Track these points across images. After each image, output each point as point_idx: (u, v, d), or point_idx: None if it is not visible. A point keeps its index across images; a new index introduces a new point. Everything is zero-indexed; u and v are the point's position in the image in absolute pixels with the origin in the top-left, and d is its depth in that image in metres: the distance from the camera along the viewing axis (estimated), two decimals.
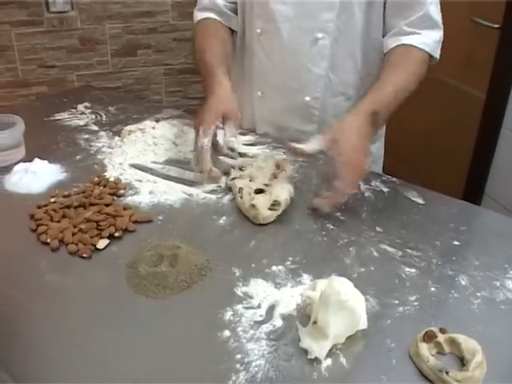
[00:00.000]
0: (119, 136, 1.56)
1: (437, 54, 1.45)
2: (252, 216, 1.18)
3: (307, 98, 1.55)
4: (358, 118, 1.27)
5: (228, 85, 1.41)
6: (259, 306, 0.94)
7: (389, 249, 1.11)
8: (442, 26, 1.45)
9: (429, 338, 0.86)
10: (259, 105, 1.65)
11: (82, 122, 1.69)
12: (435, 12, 1.43)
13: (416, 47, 1.41)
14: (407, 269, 1.05)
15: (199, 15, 1.66)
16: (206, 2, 1.64)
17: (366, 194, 1.30)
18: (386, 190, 1.33)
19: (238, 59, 1.69)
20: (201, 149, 1.27)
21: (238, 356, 0.84)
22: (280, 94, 1.59)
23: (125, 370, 0.83)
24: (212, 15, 1.63)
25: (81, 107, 1.80)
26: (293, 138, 1.43)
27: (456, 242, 1.14)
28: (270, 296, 0.96)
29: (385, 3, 1.45)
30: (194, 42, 1.63)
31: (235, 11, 1.64)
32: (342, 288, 0.86)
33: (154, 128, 1.56)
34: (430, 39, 1.42)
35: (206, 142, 1.27)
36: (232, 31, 1.65)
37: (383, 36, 1.49)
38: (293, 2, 1.47)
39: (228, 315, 0.92)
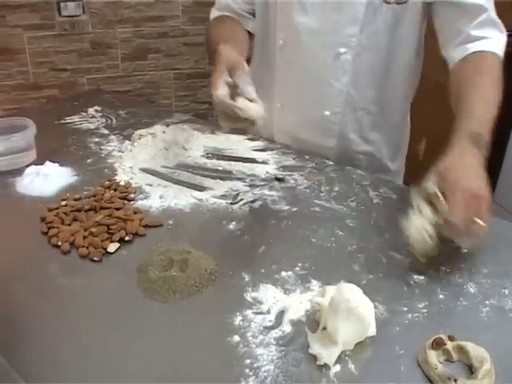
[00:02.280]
0: (129, 140, 1.57)
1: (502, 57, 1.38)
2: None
3: (327, 113, 1.54)
4: (466, 150, 1.14)
5: (229, 45, 1.32)
6: (268, 312, 0.94)
7: (397, 255, 1.11)
8: (503, 27, 1.38)
9: (437, 345, 0.86)
10: (278, 116, 1.64)
11: (92, 126, 1.70)
12: (494, 12, 1.37)
13: (489, 52, 1.34)
14: (416, 276, 1.05)
15: (216, 13, 1.66)
16: (222, 4, 1.64)
17: (375, 201, 1.31)
18: (394, 196, 1.33)
19: (258, 69, 1.66)
20: (221, 99, 1.18)
21: (248, 361, 0.84)
22: (300, 107, 1.58)
23: (134, 373, 0.83)
24: (229, 14, 1.64)
25: (91, 111, 1.81)
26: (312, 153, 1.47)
27: (464, 250, 1.14)
28: (279, 302, 0.96)
29: (429, 15, 1.43)
30: (209, 34, 1.63)
31: (251, 15, 1.63)
32: (352, 295, 0.86)
33: (164, 132, 1.57)
34: (500, 43, 1.37)
35: (221, 92, 1.17)
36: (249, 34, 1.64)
37: (441, 47, 1.44)
38: (316, 14, 1.44)
39: (237, 320, 0.92)
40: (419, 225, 1.04)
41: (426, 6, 1.42)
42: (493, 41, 1.36)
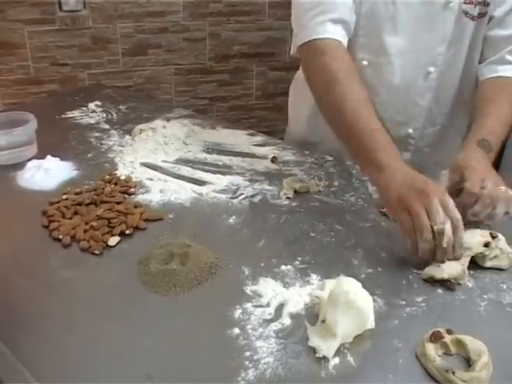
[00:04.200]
0: (130, 135, 1.58)
1: None
2: None
3: (410, 131, 1.51)
4: (473, 150, 1.21)
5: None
6: (268, 305, 0.94)
7: (396, 250, 1.12)
8: None
9: (435, 338, 0.87)
10: None
11: (93, 121, 1.71)
12: None
13: None
14: (414, 270, 1.06)
15: (328, 30, 1.30)
16: (342, 11, 1.32)
17: (374, 196, 1.31)
18: None
19: None
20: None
21: (247, 353, 0.84)
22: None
23: (135, 365, 0.84)
24: (341, 35, 1.32)
25: (92, 105, 1.82)
26: None
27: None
28: (278, 295, 0.97)
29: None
30: (320, 80, 1.29)
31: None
32: (351, 288, 0.87)
33: (164, 127, 1.58)
34: None
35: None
36: None
37: (479, 63, 1.44)
38: (408, 34, 1.38)
39: (237, 313, 0.93)
40: None
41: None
42: None
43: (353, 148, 1.22)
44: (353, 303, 0.85)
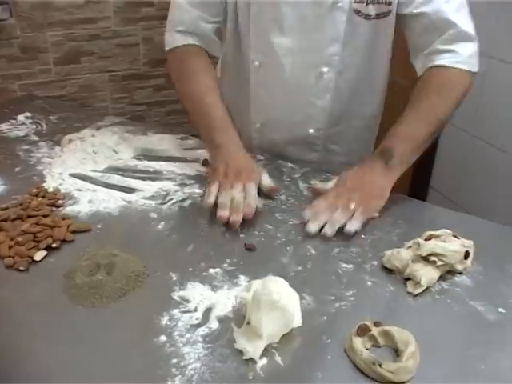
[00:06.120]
0: (59, 146, 1.55)
1: (475, 68, 1.37)
2: None
3: (311, 131, 1.52)
4: (368, 159, 1.32)
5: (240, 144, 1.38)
6: (196, 310, 0.94)
7: (326, 246, 1.13)
8: (475, 36, 1.37)
9: (362, 331, 0.88)
10: (258, 136, 1.59)
11: (21, 133, 1.67)
12: (466, 24, 1.35)
13: (450, 67, 1.35)
14: (344, 265, 1.07)
15: (178, 39, 1.51)
16: (188, 24, 1.49)
17: (305, 193, 1.32)
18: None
19: (230, 88, 1.60)
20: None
21: (174, 360, 0.84)
22: (281, 127, 1.53)
23: (64, 379, 0.82)
24: (194, 41, 1.50)
25: (21, 117, 1.77)
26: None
27: (394, 237, 1.17)
28: (206, 299, 0.96)
29: (404, 24, 1.40)
30: (178, 75, 1.53)
31: (219, 33, 1.54)
32: (275, 287, 0.87)
33: (93, 136, 1.56)
34: (464, 55, 1.35)
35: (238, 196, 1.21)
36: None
37: (410, 56, 1.44)
38: (295, 35, 1.39)
39: (164, 320, 0.92)
40: None
41: (398, 19, 1.40)
42: (458, 55, 1.35)
43: (199, 129, 1.44)
44: (276, 303, 0.85)
